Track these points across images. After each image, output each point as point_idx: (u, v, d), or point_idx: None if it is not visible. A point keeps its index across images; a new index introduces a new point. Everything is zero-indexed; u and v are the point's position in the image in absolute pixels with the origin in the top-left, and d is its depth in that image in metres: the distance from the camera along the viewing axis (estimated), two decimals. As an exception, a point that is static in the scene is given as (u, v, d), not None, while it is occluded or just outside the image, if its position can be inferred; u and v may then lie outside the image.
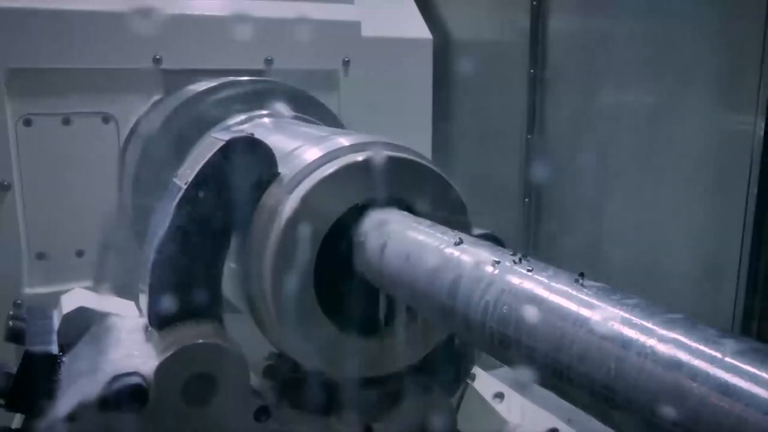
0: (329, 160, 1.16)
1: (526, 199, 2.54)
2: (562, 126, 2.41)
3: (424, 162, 1.22)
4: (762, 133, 1.70)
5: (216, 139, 1.11)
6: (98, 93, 1.96)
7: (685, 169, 1.97)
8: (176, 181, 1.11)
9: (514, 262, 0.89)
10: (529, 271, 0.86)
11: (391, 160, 1.17)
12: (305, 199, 1.11)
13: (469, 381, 1.66)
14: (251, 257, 1.14)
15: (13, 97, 1.86)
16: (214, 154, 1.07)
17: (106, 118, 1.99)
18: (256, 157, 1.11)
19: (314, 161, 1.16)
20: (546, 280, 0.84)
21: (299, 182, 1.14)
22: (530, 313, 0.81)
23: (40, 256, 1.97)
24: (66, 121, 1.93)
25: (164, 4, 1.98)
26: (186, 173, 1.09)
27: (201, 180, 1.07)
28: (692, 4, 1.89)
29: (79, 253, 2.02)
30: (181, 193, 1.06)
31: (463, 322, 0.92)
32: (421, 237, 1.05)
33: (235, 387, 1.10)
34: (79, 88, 1.93)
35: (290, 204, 1.12)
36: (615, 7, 2.15)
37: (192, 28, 2.03)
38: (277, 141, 1.35)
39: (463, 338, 0.95)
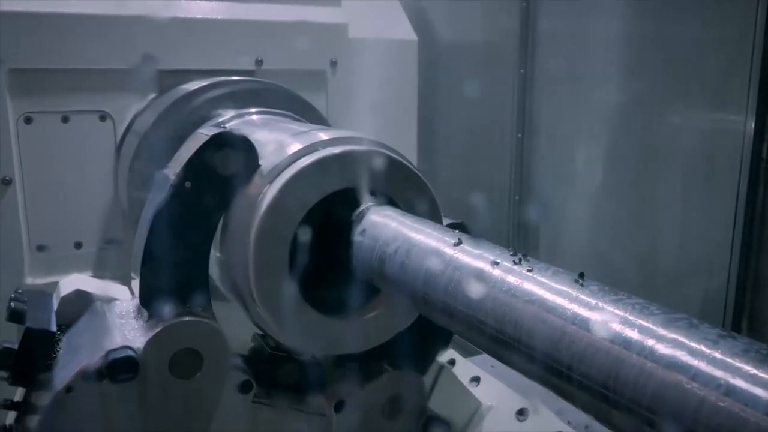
0: (308, 153, 1.25)
1: (516, 197, 2.60)
2: (552, 125, 2.47)
3: (397, 157, 1.30)
4: (752, 132, 1.75)
5: (202, 134, 1.20)
6: (95, 92, 2.05)
7: (677, 168, 2.03)
8: (165, 173, 1.20)
9: (514, 263, 0.90)
10: (528, 271, 0.87)
11: (366, 154, 1.26)
12: (284, 189, 1.20)
13: (448, 365, 1.75)
14: (234, 244, 1.24)
15: (14, 97, 1.95)
16: (200, 148, 1.16)
17: (103, 116, 2.08)
18: (239, 150, 1.20)
19: (294, 153, 1.25)
20: (546, 281, 0.84)
21: (279, 173, 1.23)
22: (529, 312, 0.82)
23: (41, 248, 2.06)
24: (65, 119, 2.02)
25: (158, 7, 2.07)
26: (174, 166, 1.18)
27: (188, 172, 1.16)
28: (682, 5, 1.94)
29: (78, 245, 2.11)
30: (169, 185, 1.15)
31: (463, 322, 0.93)
32: (420, 237, 1.08)
33: (218, 362, 1.19)
34: (77, 87, 2.02)
35: (270, 193, 1.21)
36: (605, 8, 2.20)
37: (185, 31, 2.11)
38: (262, 135, 1.45)
39: (463, 337, 0.98)
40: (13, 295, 1.31)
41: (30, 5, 1.92)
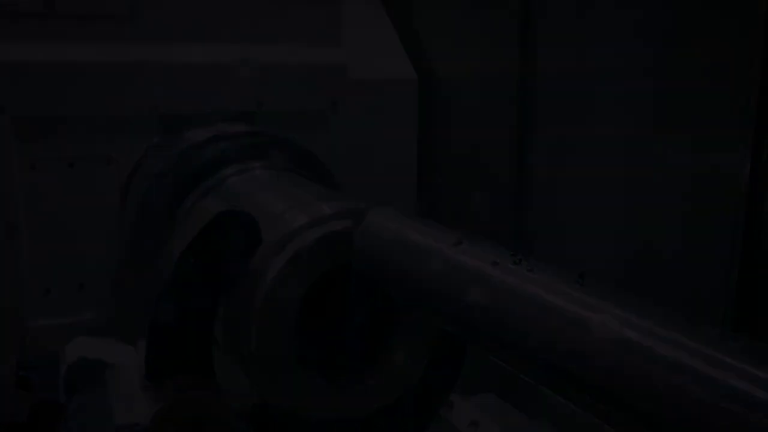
0: (312, 227, 1.28)
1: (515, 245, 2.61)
2: (550, 168, 2.48)
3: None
4: (748, 172, 1.78)
5: (206, 211, 1.23)
6: (100, 137, 2.07)
7: (673, 205, 2.05)
8: (172, 249, 1.23)
9: (514, 262, 0.90)
10: (529, 271, 0.87)
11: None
12: (289, 264, 1.24)
13: (446, 408, 1.78)
14: (239, 315, 1.27)
15: (20, 143, 1.98)
16: (205, 227, 1.19)
17: (108, 160, 2.10)
18: (241, 228, 1.23)
19: (298, 228, 1.28)
20: (546, 281, 0.84)
21: (284, 246, 1.26)
22: (529, 312, 0.82)
23: (44, 290, 2.08)
24: (70, 165, 2.04)
25: (159, 53, 2.10)
26: (179, 243, 1.21)
27: (193, 250, 1.19)
28: (680, 43, 1.97)
29: (81, 287, 2.13)
30: (175, 263, 1.18)
31: (464, 323, 0.94)
32: (421, 238, 1.09)
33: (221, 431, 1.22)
34: (82, 132, 2.04)
35: (275, 267, 1.24)
36: (603, 50, 2.23)
37: (186, 75, 2.14)
38: (267, 201, 1.49)
39: (463, 338, 0.99)
40: (20, 361, 1.34)
41: (32, 55, 1.95)
